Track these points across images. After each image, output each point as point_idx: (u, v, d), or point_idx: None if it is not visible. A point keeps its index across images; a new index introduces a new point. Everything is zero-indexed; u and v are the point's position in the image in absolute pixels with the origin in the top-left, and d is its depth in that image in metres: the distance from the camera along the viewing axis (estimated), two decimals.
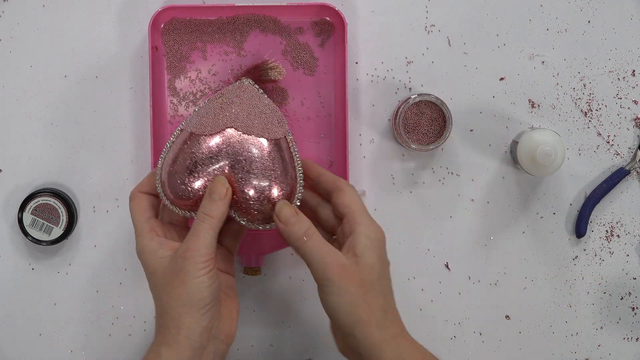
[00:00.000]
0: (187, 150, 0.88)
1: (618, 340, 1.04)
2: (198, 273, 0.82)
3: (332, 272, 0.82)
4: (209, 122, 0.89)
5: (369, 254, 0.84)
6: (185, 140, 0.89)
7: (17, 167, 1.03)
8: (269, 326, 1.04)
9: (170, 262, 0.84)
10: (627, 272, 1.04)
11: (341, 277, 0.82)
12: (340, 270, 0.82)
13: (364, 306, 0.83)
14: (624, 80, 1.03)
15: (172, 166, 0.88)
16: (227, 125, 0.89)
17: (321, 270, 0.82)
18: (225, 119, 0.89)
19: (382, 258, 0.86)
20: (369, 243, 0.84)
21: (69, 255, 1.03)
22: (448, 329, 1.04)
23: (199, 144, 0.88)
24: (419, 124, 0.98)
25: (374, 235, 0.85)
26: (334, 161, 1.01)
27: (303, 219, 0.85)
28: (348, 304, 0.82)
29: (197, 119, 0.90)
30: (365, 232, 0.85)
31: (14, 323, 1.03)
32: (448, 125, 0.97)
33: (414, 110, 0.98)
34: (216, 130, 0.88)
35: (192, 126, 0.89)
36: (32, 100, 1.03)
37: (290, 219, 0.85)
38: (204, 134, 0.88)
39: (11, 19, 1.03)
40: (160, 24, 1.01)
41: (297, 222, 0.84)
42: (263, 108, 0.91)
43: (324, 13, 1.01)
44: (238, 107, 0.90)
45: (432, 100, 0.97)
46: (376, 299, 0.83)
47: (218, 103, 0.91)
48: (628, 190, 1.04)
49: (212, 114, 0.90)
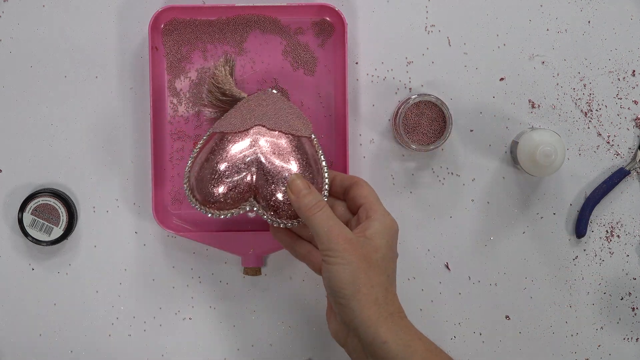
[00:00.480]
0: (217, 150, 0.91)
1: (618, 340, 1.04)
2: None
3: (337, 242, 0.84)
4: (238, 121, 0.92)
5: (379, 237, 0.86)
6: (214, 141, 0.92)
7: (17, 167, 1.03)
8: (269, 326, 1.04)
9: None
10: (627, 272, 1.04)
11: (345, 248, 0.84)
12: (346, 242, 0.84)
13: (365, 279, 0.83)
14: (624, 80, 1.03)
15: (202, 168, 0.91)
16: (256, 123, 0.92)
17: (326, 240, 0.84)
18: (254, 118, 0.92)
19: (391, 245, 0.87)
20: (381, 229, 0.87)
21: (69, 255, 1.03)
22: (448, 329, 1.04)
23: (229, 142, 0.91)
24: (419, 124, 0.98)
25: (388, 224, 0.88)
26: (334, 161, 1.01)
27: (314, 191, 0.88)
28: (350, 273, 0.83)
29: (225, 120, 0.93)
30: (379, 219, 0.87)
31: (14, 323, 1.03)
32: (448, 126, 0.97)
33: (414, 111, 0.98)
34: (245, 127, 0.92)
35: (220, 127, 0.93)
36: (32, 100, 1.02)
37: (302, 191, 0.87)
38: (233, 132, 0.91)
39: (11, 19, 1.02)
40: (160, 24, 1.01)
41: (308, 193, 0.87)
42: (289, 109, 0.94)
43: (324, 13, 1.01)
44: (265, 107, 0.94)
45: (432, 101, 0.97)
46: (378, 276, 0.84)
47: (245, 106, 0.94)
48: (628, 190, 1.04)
49: (239, 115, 0.93)
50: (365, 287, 0.83)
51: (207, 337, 1.03)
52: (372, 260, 0.84)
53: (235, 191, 0.91)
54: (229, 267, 1.03)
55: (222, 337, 1.03)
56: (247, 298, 1.03)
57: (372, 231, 0.86)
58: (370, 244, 0.85)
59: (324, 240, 0.84)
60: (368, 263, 0.84)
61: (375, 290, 0.84)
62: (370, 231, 0.86)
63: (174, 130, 1.01)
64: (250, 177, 0.91)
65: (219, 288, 1.03)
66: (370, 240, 0.85)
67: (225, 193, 0.91)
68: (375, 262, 0.85)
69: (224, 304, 1.03)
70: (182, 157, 1.02)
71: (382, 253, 0.86)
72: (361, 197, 0.90)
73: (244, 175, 0.91)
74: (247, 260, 1.00)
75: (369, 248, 0.85)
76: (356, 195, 0.90)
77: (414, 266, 1.03)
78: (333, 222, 0.85)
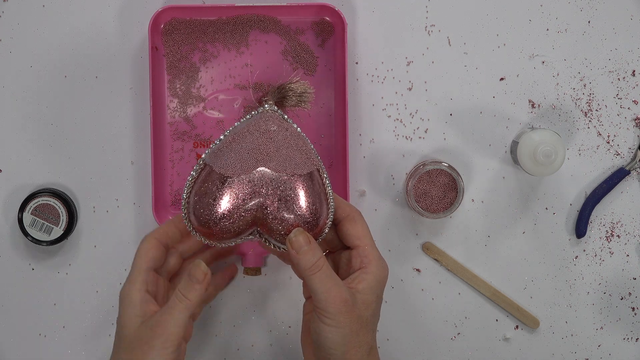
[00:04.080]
0: (215, 192, 0.86)
1: (618, 340, 1.04)
2: (163, 352, 0.83)
3: (334, 306, 0.84)
4: (238, 164, 0.86)
5: (371, 292, 0.86)
6: (212, 179, 0.86)
7: (17, 167, 1.03)
8: (269, 326, 1.04)
9: (141, 327, 0.84)
10: (627, 272, 1.04)
11: (341, 311, 0.84)
12: (342, 304, 0.84)
13: (355, 342, 0.85)
14: (624, 80, 1.03)
15: (200, 203, 0.86)
16: (257, 165, 0.86)
17: (324, 302, 0.84)
18: (254, 160, 0.86)
19: (380, 297, 0.88)
20: (375, 283, 0.87)
21: (69, 255, 1.03)
22: (448, 329, 1.04)
23: (229, 186, 0.86)
24: (429, 192, 0.99)
25: (381, 275, 0.87)
26: (334, 161, 1.01)
27: (315, 248, 0.85)
28: (342, 337, 0.84)
29: (224, 158, 0.87)
30: (375, 272, 0.87)
31: (14, 323, 1.03)
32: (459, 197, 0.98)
33: (425, 178, 0.98)
34: (245, 171, 0.86)
35: (219, 166, 0.86)
36: (32, 100, 1.03)
37: (302, 247, 0.85)
38: (232, 176, 0.86)
39: (11, 19, 1.03)
40: (160, 24, 1.01)
41: (309, 250, 0.85)
42: (293, 141, 0.88)
43: (324, 13, 1.01)
44: (266, 142, 0.87)
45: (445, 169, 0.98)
46: (365, 335, 0.86)
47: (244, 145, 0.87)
48: (628, 190, 1.04)
49: (238, 156, 0.86)
50: (354, 347, 0.85)
51: (207, 337, 1.03)
52: (364, 319, 0.85)
53: (237, 229, 0.87)
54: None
55: (222, 337, 1.03)
56: (247, 298, 1.03)
57: (365, 285, 0.86)
58: (362, 300, 0.85)
59: (321, 300, 0.84)
60: (360, 324, 0.85)
61: (362, 350, 0.86)
62: (363, 285, 0.86)
63: (174, 131, 1.02)
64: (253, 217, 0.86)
65: None
66: (363, 294, 0.86)
67: (225, 231, 0.86)
68: (366, 321, 0.86)
69: (224, 304, 1.03)
70: (182, 157, 1.02)
71: (373, 308, 0.87)
72: (355, 237, 0.88)
73: (246, 217, 0.86)
74: (247, 260, 1.00)
75: (361, 306, 0.85)
76: (349, 234, 0.88)
77: (414, 266, 1.03)
78: (331, 283, 0.84)
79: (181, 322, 0.83)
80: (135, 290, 0.86)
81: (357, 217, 0.89)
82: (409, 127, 1.03)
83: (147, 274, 0.87)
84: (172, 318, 0.83)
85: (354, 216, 0.89)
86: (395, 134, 1.03)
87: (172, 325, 0.83)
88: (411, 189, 0.98)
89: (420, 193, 0.99)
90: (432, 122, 1.03)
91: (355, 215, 0.89)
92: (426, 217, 1.00)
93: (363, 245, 0.88)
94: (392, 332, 1.03)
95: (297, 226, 0.86)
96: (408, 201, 0.99)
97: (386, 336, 1.04)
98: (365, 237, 0.88)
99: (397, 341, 1.04)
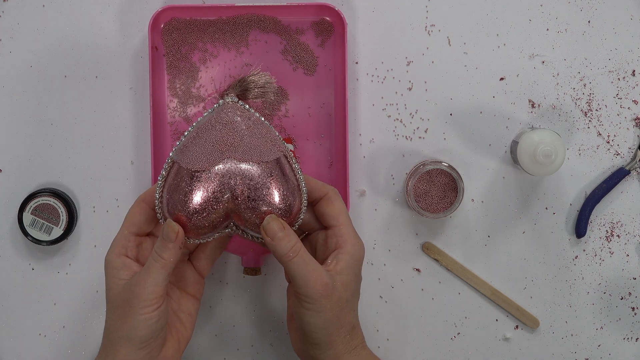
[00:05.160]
0: (184, 188, 0.86)
1: (618, 340, 1.04)
2: (143, 310, 0.84)
3: (314, 290, 0.84)
4: (203, 157, 0.87)
5: (349, 272, 0.87)
6: (180, 175, 0.87)
7: (17, 167, 1.03)
8: (269, 326, 1.04)
9: (124, 288, 0.86)
10: (627, 272, 1.04)
11: (322, 295, 0.85)
12: (322, 289, 0.85)
13: (337, 323, 0.86)
14: (624, 80, 1.03)
15: (172, 201, 0.87)
16: (223, 157, 0.87)
17: (303, 287, 0.85)
18: (219, 152, 0.87)
19: (358, 275, 0.89)
20: (352, 262, 0.87)
21: (69, 255, 1.03)
22: (448, 329, 1.04)
23: (197, 181, 0.86)
24: (429, 192, 0.99)
25: (357, 254, 0.88)
26: (334, 161, 1.01)
27: (290, 234, 0.86)
28: (324, 320, 0.85)
29: (189, 154, 0.87)
30: (350, 251, 0.87)
31: (14, 323, 1.03)
32: (459, 197, 0.98)
33: (425, 178, 0.98)
34: (212, 164, 0.86)
35: (185, 162, 0.87)
36: (32, 100, 1.03)
37: (277, 234, 0.86)
38: (200, 170, 0.86)
39: (11, 19, 1.03)
40: (160, 24, 1.01)
41: (284, 236, 0.86)
42: (256, 129, 0.88)
43: (324, 13, 1.01)
44: (229, 134, 0.87)
45: (444, 169, 0.98)
46: (347, 316, 0.87)
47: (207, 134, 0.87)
48: (628, 190, 1.04)
49: (204, 150, 0.87)
50: (336, 329, 0.86)
51: (207, 337, 1.03)
52: (344, 300, 0.86)
53: (211, 223, 0.87)
54: (229, 267, 1.03)
55: (222, 337, 1.04)
56: (247, 298, 1.03)
57: (342, 266, 0.87)
58: (341, 281, 0.86)
59: (301, 286, 0.85)
60: (340, 306, 0.86)
61: (344, 330, 0.87)
62: (341, 266, 0.87)
63: (173, 131, 1.02)
64: (225, 209, 0.87)
65: (219, 288, 1.03)
66: (341, 275, 0.86)
67: (200, 226, 0.87)
68: (346, 303, 0.87)
69: (224, 304, 1.03)
70: None
71: (352, 288, 0.87)
72: (331, 218, 0.89)
73: (219, 210, 0.86)
74: (247, 260, 1.00)
75: (341, 289, 0.86)
76: (326, 214, 0.89)
77: (414, 266, 1.03)
78: (309, 267, 0.85)
79: (159, 281, 0.85)
80: (115, 255, 0.88)
81: (333, 197, 0.89)
82: (409, 127, 1.03)
83: (127, 240, 0.89)
84: (149, 277, 0.84)
85: (330, 196, 0.89)
86: (395, 134, 1.03)
87: (149, 284, 0.84)
88: (411, 189, 0.98)
89: (420, 193, 0.99)
90: (432, 122, 1.03)
91: (332, 195, 0.89)
92: (426, 217, 1.00)
93: (339, 225, 0.88)
94: (392, 332, 1.03)
95: (269, 213, 0.86)
96: (408, 201, 0.99)
97: (386, 336, 1.04)
98: (340, 216, 0.88)
99: (397, 341, 1.04)
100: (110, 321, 0.86)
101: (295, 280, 0.85)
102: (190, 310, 0.92)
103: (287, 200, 0.87)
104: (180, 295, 0.92)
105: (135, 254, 0.89)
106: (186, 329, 0.91)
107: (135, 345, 0.84)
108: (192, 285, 0.93)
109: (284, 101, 1.02)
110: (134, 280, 0.85)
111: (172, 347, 0.89)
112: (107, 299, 0.87)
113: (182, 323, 0.91)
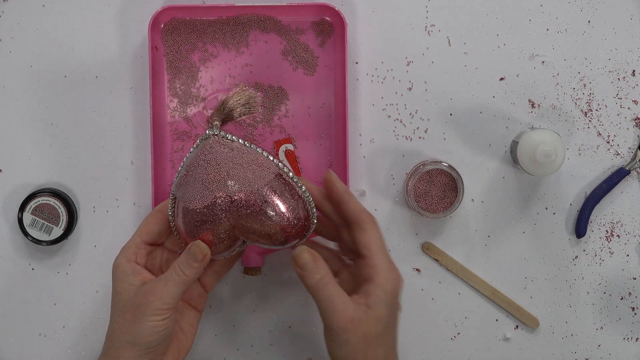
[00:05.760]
0: (189, 222, 0.88)
1: (618, 340, 1.04)
2: (153, 318, 0.84)
3: (339, 324, 0.83)
4: (197, 196, 0.87)
5: (381, 306, 0.85)
6: (183, 211, 0.88)
7: (17, 167, 1.03)
8: (269, 326, 1.04)
9: (135, 293, 0.86)
10: (627, 272, 1.04)
11: (347, 329, 0.83)
12: (347, 323, 0.83)
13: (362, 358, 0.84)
14: (624, 80, 1.03)
15: (185, 226, 0.88)
16: (214, 194, 0.87)
17: (329, 319, 0.84)
18: (209, 190, 0.87)
19: (393, 308, 0.86)
20: (383, 296, 0.85)
21: (69, 255, 1.03)
22: (448, 329, 1.04)
23: (199, 215, 0.87)
24: (429, 192, 0.99)
25: (390, 287, 0.85)
26: (334, 161, 1.01)
27: (320, 264, 0.85)
28: (346, 353, 0.84)
29: (184, 191, 0.87)
30: (382, 284, 0.85)
31: (14, 323, 1.03)
32: (459, 196, 0.98)
33: (425, 178, 0.98)
34: (208, 201, 0.87)
35: (183, 200, 0.87)
36: (32, 100, 1.03)
37: (307, 265, 0.85)
38: (198, 208, 0.87)
39: (11, 19, 1.03)
40: (160, 24, 1.01)
41: (314, 268, 0.85)
42: (241, 159, 0.87)
43: (324, 13, 1.01)
44: (215, 171, 0.87)
45: (445, 169, 0.98)
46: (375, 351, 0.85)
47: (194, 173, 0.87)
48: (628, 190, 1.04)
49: (193, 186, 0.87)
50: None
51: (207, 337, 1.03)
52: (372, 336, 0.84)
53: (224, 248, 0.89)
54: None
55: (222, 337, 1.04)
56: (247, 298, 1.03)
57: (373, 300, 0.84)
58: (372, 316, 0.84)
59: (327, 318, 0.84)
60: (367, 341, 0.84)
61: None
62: (372, 299, 0.84)
63: (173, 131, 1.02)
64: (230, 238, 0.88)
65: (219, 288, 1.03)
66: (372, 309, 0.84)
67: (215, 252, 0.88)
68: (375, 338, 0.84)
69: (224, 304, 1.03)
70: (182, 157, 1.02)
71: (384, 324, 0.85)
72: (363, 247, 0.87)
73: (225, 241, 0.88)
74: (247, 260, 1.00)
75: (371, 323, 0.84)
76: (359, 242, 0.87)
77: (414, 266, 1.03)
78: (337, 299, 0.84)
79: (175, 294, 0.85)
80: (125, 260, 0.88)
81: (365, 225, 0.87)
82: (409, 127, 1.03)
83: (139, 247, 0.89)
84: (166, 288, 0.85)
85: (362, 223, 0.87)
86: (395, 134, 1.03)
87: (166, 294, 0.84)
88: (411, 189, 0.98)
89: (420, 193, 0.99)
90: (432, 122, 1.03)
91: (364, 223, 0.87)
92: (426, 217, 1.00)
93: (371, 255, 0.86)
94: None
95: (277, 229, 0.86)
96: (408, 201, 0.99)
97: None
98: (373, 245, 0.86)
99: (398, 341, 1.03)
100: (115, 324, 0.86)
101: (321, 311, 0.84)
102: (192, 321, 0.93)
103: (289, 216, 0.86)
104: (184, 306, 0.92)
105: (145, 262, 0.90)
106: (187, 339, 0.91)
107: (140, 350, 0.85)
108: (196, 298, 0.93)
109: (284, 101, 1.02)
110: (147, 287, 0.85)
111: (172, 355, 0.89)
112: (115, 302, 0.87)
113: (184, 333, 0.91)
